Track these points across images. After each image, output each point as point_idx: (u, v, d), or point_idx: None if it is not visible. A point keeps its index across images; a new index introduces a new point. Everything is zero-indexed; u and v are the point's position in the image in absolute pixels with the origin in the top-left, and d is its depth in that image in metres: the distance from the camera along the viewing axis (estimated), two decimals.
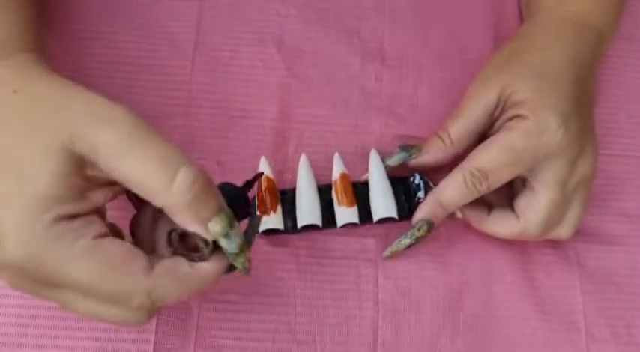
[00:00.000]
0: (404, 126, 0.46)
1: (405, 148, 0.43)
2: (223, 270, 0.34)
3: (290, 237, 0.42)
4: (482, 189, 0.40)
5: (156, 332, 0.39)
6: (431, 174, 0.44)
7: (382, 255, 0.42)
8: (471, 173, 0.40)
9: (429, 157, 0.43)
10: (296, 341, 0.40)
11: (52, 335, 0.39)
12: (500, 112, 0.41)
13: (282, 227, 0.41)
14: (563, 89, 0.40)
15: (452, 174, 0.41)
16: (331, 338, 0.41)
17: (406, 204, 0.43)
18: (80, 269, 0.30)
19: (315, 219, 0.42)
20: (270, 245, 0.42)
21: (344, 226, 0.42)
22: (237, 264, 0.33)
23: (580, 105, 0.40)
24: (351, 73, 0.47)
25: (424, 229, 0.41)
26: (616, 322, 0.43)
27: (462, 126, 0.42)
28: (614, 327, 0.43)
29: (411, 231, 0.41)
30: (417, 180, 0.43)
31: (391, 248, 0.42)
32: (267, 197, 0.41)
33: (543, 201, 0.40)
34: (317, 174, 0.43)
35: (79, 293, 0.31)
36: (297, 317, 0.41)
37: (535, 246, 0.44)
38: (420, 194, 0.42)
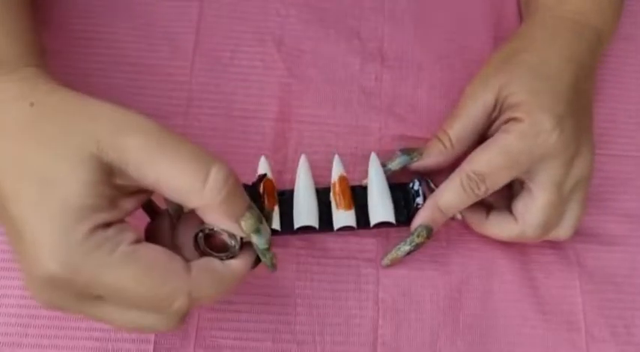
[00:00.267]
0: (404, 126, 0.46)
1: (406, 152, 0.43)
2: (251, 266, 0.34)
3: (290, 237, 0.42)
4: (480, 192, 0.40)
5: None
6: (432, 176, 0.44)
7: (382, 263, 0.42)
8: (468, 176, 0.40)
9: (430, 161, 0.43)
10: (296, 341, 0.40)
11: (52, 335, 0.39)
12: (499, 113, 0.41)
13: (279, 227, 0.41)
14: (560, 90, 0.40)
15: (450, 178, 0.41)
16: (331, 338, 0.41)
17: (405, 210, 0.43)
18: (123, 276, 0.30)
19: (312, 220, 0.42)
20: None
21: (341, 229, 0.42)
22: (266, 259, 0.34)
23: (576, 106, 0.40)
24: (351, 73, 0.47)
25: (423, 235, 0.41)
26: (616, 322, 0.43)
27: (461, 127, 0.42)
28: (614, 327, 0.43)
29: (410, 238, 0.41)
30: (415, 186, 0.43)
31: (390, 255, 0.42)
32: (265, 197, 0.41)
33: (540, 203, 0.40)
34: (317, 175, 0.43)
35: (115, 304, 0.31)
36: (297, 317, 0.41)
37: (535, 246, 0.44)
38: (418, 200, 0.42)
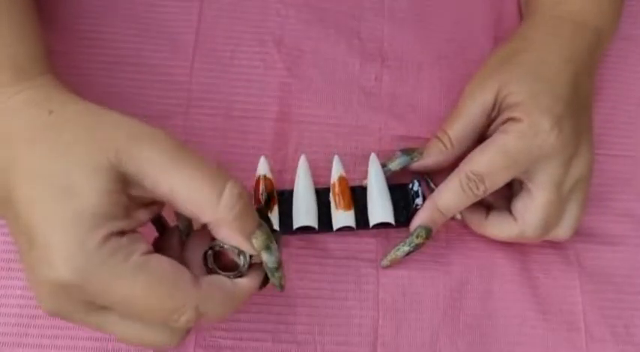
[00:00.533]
0: (404, 126, 0.46)
1: (406, 152, 0.43)
2: (258, 286, 0.34)
3: (290, 237, 0.42)
4: (479, 192, 0.40)
5: None
6: (432, 176, 0.44)
7: (381, 264, 0.42)
8: (467, 177, 0.40)
9: (430, 160, 0.43)
10: (296, 341, 0.40)
11: (52, 335, 0.39)
12: (498, 113, 0.41)
13: (277, 227, 0.41)
14: (559, 90, 0.40)
15: (449, 178, 0.41)
16: (331, 338, 0.41)
17: (404, 211, 0.43)
18: (134, 286, 0.30)
19: (311, 220, 0.42)
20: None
21: (340, 229, 0.42)
22: (274, 278, 0.34)
23: (576, 106, 0.41)
24: (351, 73, 0.47)
25: (422, 236, 0.41)
26: (616, 322, 0.43)
27: (461, 127, 0.42)
28: (614, 327, 0.43)
29: (410, 239, 0.41)
30: (415, 186, 0.43)
31: (390, 256, 0.42)
32: (264, 197, 0.41)
33: (539, 203, 0.40)
34: (317, 175, 0.43)
35: (121, 314, 0.31)
36: (297, 317, 0.41)
37: (535, 246, 0.44)
38: (417, 200, 0.42)
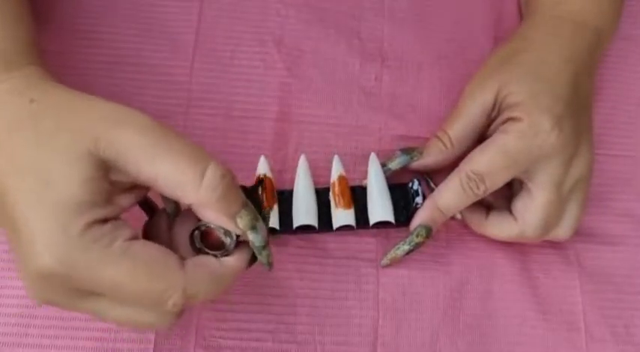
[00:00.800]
0: (404, 126, 0.46)
1: (406, 151, 0.43)
2: (246, 264, 0.34)
3: (290, 237, 0.42)
4: (480, 192, 0.40)
5: (156, 332, 0.39)
6: (432, 176, 0.44)
7: (381, 263, 0.42)
8: (468, 176, 0.40)
9: (430, 160, 0.43)
10: (296, 341, 0.40)
11: (52, 335, 0.39)
12: (498, 113, 0.41)
13: (277, 226, 0.41)
14: (559, 90, 0.40)
15: (449, 178, 0.41)
16: (331, 338, 0.41)
17: (404, 210, 0.43)
18: (119, 272, 0.30)
19: (311, 219, 0.42)
20: (270, 245, 0.42)
21: (340, 229, 0.42)
22: (262, 257, 0.34)
23: (576, 106, 0.41)
24: (351, 73, 0.47)
25: (422, 235, 0.41)
26: (616, 322, 0.43)
27: (461, 127, 0.42)
28: (614, 327, 0.43)
29: (410, 238, 0.41)
30: (415, 186, 0.43)
31: (390, 255, 0.42)
32: (264, 196, 0.41)
33: (540, 203, 0.40)
34: (317, 175, 0.43)
35: (111, 300, 0.31)
36: (297, 317, 0.41)
37: (535, 246, 0.44)
38: (417, 199, 0.42)
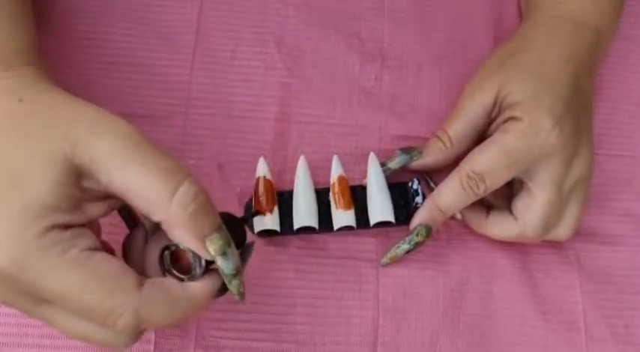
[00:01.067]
0: (404, 126, 0.46)
1: (405, 151, 0.43)
2: (214, 292, 0.33)
3: (290, 237, 0.42)
4: (480, 191, 0.40)
5: (156, 332, 0.39)
6: (432, 176, 0.44)
7: (381, 262, 0.42)
8: (468, 176, 0.40)
9: (429, 159, 0.43)
10: (296, 341, 0.40)
11: (52, 335, 0.38)
12: (498, 112, 0.41)
13: (278, 228, 0.41)
14: (559, 90, 0.40)
15: (449, 177, 0.41)
16: (331, 338, 0.41)
17: (404, 210, 0.43)
18: (69, 280, 0.29)
19: (312, 221, 0.41)
20: (270, 245, 0.42)
21: (340, 229, 0.42)
22: (232, 286, 0.32)
23: (576, 105, 0.41)
24: (351, 73, 0.47)
25: (422, 234, 0.41)
26: (616, 322, 0.43)
27: (461, 127, 0.42)
28: (614, 327, 0.43)
29: (410, 237, 0.41)
30: (415, 185, 0.43)
31: (390, 254, 0.42)
32: (264, 198, 0.41)
33: (540, 202, 0.40)
34: (316, 175, 0.43)
35: (64, 309, 0.30)
36: (297, 317, 0.41)
37: (535, 246, 0.44)
38: (417, 199, 0.42)
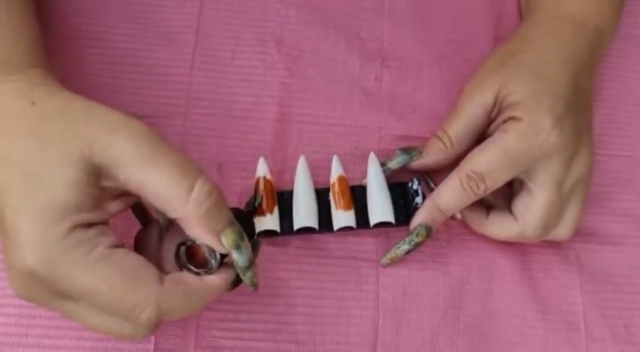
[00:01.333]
0: (404, 126, 0.46)
1: (405, 151, 0.43)
2: (229, 284, 0.34)
3: (290, 237, 0.42)
4: (480, 191, 0.40)
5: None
6: (432, 176, 0.44)
7: (381, 262, 0.42)
8: (468, 176, 0.40)
9: (429, 159, 0.43)
10: (296, 341, 0.40)
11: (53, 335, 0.39)
12: (498, 112, 0.41)
13: (278, 229, 0.41)
14: (559, 90, 0.40)
15: (449, 177, 0.41)
16: (331, 338, 0.41)
17: (404, 210, 0.43)
18: (95, 277, 0.30)
19: (312, 221, 0.41)
20: (271, 245, 0.42)
21: (340, 229, 0.42)
22: (246, 278, 0.34)
23: (576, 105, 0.41)
24: (351, 73, 0.47)
25: (422, 235, 0.41)
26: (616, 322, 0.43)
27: (461, 127, 0.42)
28: (614, 327, 0.43)
29: (410, 237, 0.41)
30: (415, 185, 0.43)
31: (390, 254, 0.42)
32: (264, 198, 0.41)
33: (540, 202, 0.40)
34: (316, 175, 0.43)
35: (88, 305, 0.31)
36: (297, 317, 0.41)
37: (535, 246, 0.44)
38: (417, 199, 0.42)
